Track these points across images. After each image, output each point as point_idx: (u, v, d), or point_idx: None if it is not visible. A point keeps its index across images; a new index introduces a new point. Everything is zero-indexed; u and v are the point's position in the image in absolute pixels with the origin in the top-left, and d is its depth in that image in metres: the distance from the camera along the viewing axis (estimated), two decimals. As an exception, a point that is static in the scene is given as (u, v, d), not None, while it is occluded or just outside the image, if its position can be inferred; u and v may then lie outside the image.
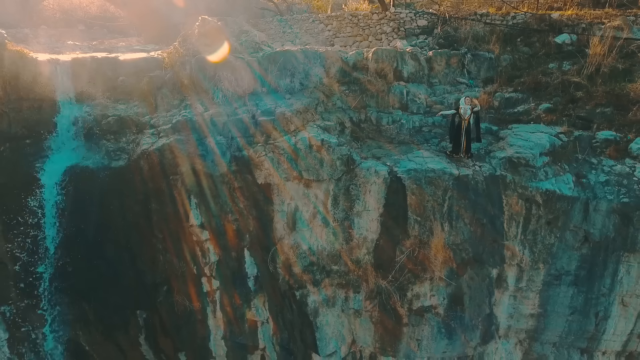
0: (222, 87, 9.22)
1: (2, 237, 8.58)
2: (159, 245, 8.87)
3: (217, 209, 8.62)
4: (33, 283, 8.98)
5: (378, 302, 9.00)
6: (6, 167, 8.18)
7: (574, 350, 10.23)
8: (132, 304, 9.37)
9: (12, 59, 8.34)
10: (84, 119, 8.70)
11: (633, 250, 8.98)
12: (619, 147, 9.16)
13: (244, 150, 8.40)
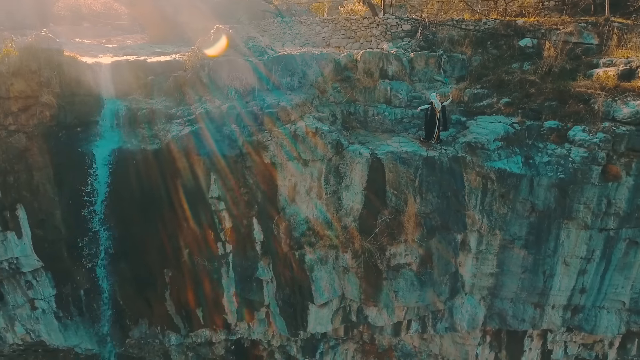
0: (234, 85, 11.86)
1: (58, 206, 11.24)
2: (183, 213, 11.51)
3: (232, 184, 11.27)
4: (81, 245, 11.63)
5: (362, 260, 11.67)
6: (64, 149, 10.83)
7: (528, 305, 12.91)
8: (160, 264, 12.02)
9: (67, 63, 10.98)
10: (123, 111, 11.34)
11: (570, 217, 11.64)
12: (560, 134, 11.80)
13: (253, 136, 11.05)
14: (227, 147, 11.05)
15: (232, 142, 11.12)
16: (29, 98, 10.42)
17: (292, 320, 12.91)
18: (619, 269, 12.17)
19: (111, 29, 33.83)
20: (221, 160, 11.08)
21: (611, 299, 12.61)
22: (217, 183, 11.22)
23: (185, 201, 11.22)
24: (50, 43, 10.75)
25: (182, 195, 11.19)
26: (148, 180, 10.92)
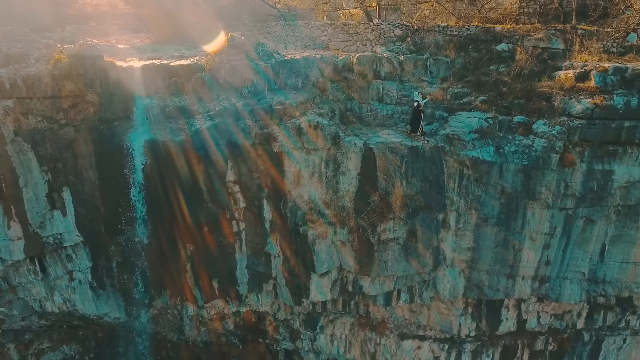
0: (247, 85, 14.46)
1: (98, 188, 13.83)
2: (204, 195, 14.12)
3: (246, 169, 13.87)
4: (117, 222, 14.23)
5: (356, 235, 14.30)
6: (105, 140, 13.41)
7: (501, 276, 15.55)
8: (184, 239, 14.63)
9: (107, 66, 13.57)
10: (152, 108, 13.93)
11: (534, 198, 14.27)
12: (526, 127, 14.42)
13: (265, 128, 13.65)
14: (242, 138, 13.65)
15: (246, 134, 13.72)
16: (76, 97, 13.00)
17: (296, 290, 15.53)
18: (578, 243, 14.81)
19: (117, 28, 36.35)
20: (236, 150, 13.68)
21: (572, 270, 15.25)
22: (232, 169, 13.83)
23: (207, 184, 13.81)
24: (93, 50, 13.34)
25: (203, 180, 13.78)
26: (175, 167, 13.50)
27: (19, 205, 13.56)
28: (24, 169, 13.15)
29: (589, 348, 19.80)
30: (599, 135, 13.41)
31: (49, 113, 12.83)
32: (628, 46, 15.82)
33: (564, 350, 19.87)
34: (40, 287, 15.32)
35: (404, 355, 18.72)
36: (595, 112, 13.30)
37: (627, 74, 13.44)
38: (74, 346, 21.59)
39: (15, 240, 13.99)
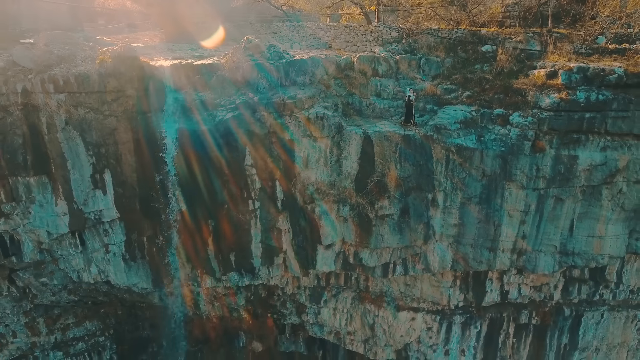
0: (262, 82, 17.47)
1: (135, 170, 16.83)
2: (225, 177, 17.15)
3: (261, 154, 16.90)
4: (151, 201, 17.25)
5: (357, 211, 17.33)
6: (142, 128, 16.40)
7: (484, 249, 18.60)
8: (207, 215, 17.65)
9: (143, 65, 16.60)
10: (181, 101, 16.95)
11: (511, 180, 17.31)
12: (504, 118, 17.46)
13: (278, 119, 16.68)
14: (259, 127, 16.68)
15: (261, 124, 16.76)
16: (118, 92, 16.00)
17: (304, 262, 18.57)
18: (549, 220, 17.87)
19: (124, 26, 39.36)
20: (253, 137, 16.72)
21: (546, 244, 18.30)
22: (250, 154, 16.86)
23: (228, 167, 16.85)
24: (131, 52, 16.37)
25: (225, 163, 16.82)
26: (201, 152, 16.53)
27: (66, 185, 16.57)
28: (72, 153, 16.16)
29: (570, 323, 22.89)
30: (564, 125, 16.47)
31: (95, 105, 15.84)
32: (595, 48, 18.89)
33: (546, 325, 22.94)
34: (79, 259, 18.34)
35: (400, 326, 21.77)
36: (561, 105, 16.37)
37: (589, 73, 16.52)
38: (95, 323, 24.64)
39: (61, 216, 17.01)
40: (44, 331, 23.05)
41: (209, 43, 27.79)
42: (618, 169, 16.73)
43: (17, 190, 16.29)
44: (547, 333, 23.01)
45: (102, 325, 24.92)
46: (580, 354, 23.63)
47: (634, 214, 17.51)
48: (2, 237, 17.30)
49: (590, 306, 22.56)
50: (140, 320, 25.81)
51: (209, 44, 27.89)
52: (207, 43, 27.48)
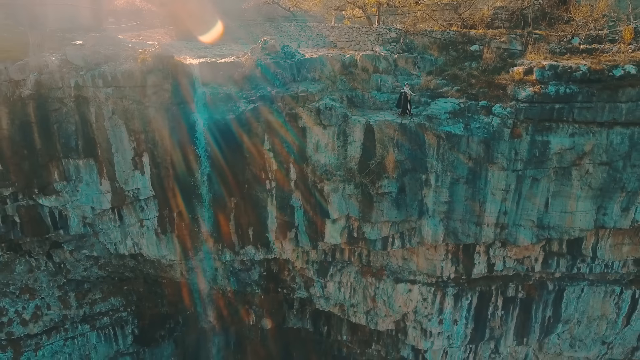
0: (278, 77, 21.40)
1: (169, 154, 20.75)
2: (246, 160, 21.10)
3: (278, 141, 20.84)
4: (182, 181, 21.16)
5: (360, 190, 21.28)
6: (175, 117, 20.32)
7: (471, 223, 22.56)
8: (230, 193, 21.58)
9: (176, 63, 20.53)
10: (208, 94, 20.87)
11: (493, 162, 21.25)
12: (487, 109, 21.39)
13: (292, 110, 20.60)
14: (275, 117, 20.61)
15: (278, 114, 20.69)
16: (157, 86, 19.89)
17: (313, 235, 22.50)
18: (527, 197, 21.81)
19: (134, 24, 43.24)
20: (271, 126, 20.66)
21: (524, 219, 22.26)
22: (268, 140, 20.79)
23: (248, 151, 20.78)
24: (167, 51, 20.30)
25: (246, 148, 20.76)
26: (226, 138, 20.45)
27: (109, 166, 20.49)
28: (116, 139, 20.08)
29: (553, 296, 26.88)
30: (538, 114, 20.42)
31: (138, 98, 19.75)
32: (569, 48, 22.87)
33: (531, 298, 26.91)
34: (117, 233, 22.25)
35: (398, 297, 25.72)
36: (534, 98, 20.32)
37: (559, 70, 20.49)
38: (119, 299, 28.64)
39: (104, 193, 20.93)
40: (74, 305, 26.95)
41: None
42: (585, 152, 20.68)
43: (69, 170, 20.21)
44: (533, 306, 26.97)
45: (125, 301, 28.86)
46: (563, 325, 27.63)
47: (600, 192, 21.45)
48: (52, 213, 21.20)
49: (571, 281, 26.55)
50: (159, 297, 29.81)
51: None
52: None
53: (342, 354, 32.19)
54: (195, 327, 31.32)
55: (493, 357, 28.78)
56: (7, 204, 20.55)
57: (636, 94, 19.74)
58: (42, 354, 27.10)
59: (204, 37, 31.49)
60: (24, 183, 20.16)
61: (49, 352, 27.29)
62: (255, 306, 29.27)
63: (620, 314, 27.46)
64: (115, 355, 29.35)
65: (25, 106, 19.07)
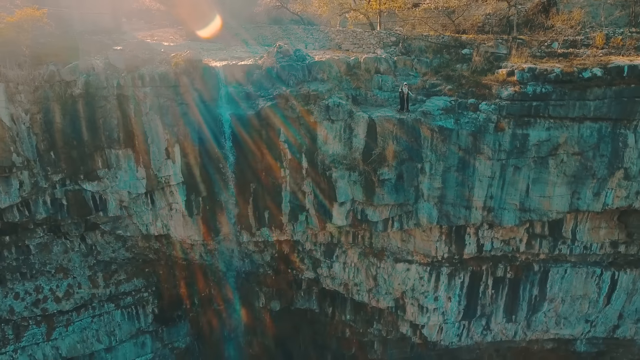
0: (292, 78, 26.09)
1: (197, 144, 25.40)
2: (265, 150, 25.78)
3: (292, 133, 25.51)
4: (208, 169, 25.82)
5: (364, 176, 26.00)
6: (203, 113, 25.00)
7: (461, 207, 27.26)
8: (250, 180, 26.27)
9: (203, 66, 25.21)
10: (231, 92, 25.55)
11: (480, 153, 25.95)
12: (475, 106, 26.06)
13: (305, 106, 25.27)
14: (290, 113, 25.25)
15: (292, 110, 25.35)
16: (187, 86, 24.48)
17: (322, 217, 27.17)
18: (510, 183, 26.50)
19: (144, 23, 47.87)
20: (287, 120, 25.31)
21: (508, 202, 26.96)
22: (284, 132, 25.43)
23: (266, 143, 25.45)
24: (196, 56, 24.95)
25: (264, 139, 25.43)
26: (248, 131, 25.12)
27: (145, 156, 25.09)
28: (152, 131, 24.69)
29: (539, 277, 31.57)
30: (518, 110, 25.06)
31: (172, 96, 24.37)
32: (548, 52, 27.57)
33: (519, 278, 31.62)
34: (148, 215, 26.88)
35: (397, 276, 30.41)
36: (515, 96, 24.99)
37: (536, 72, 25.18)
38: (141, 280, 33.27)
39: (140, 179, 25.55)
40: (102, 284, 31.60)
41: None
42: (559, 144, 25.36)
43: (110, 159, 24.82)
44: (520, 286, 31.66)
45: (146, 282, 33.52)
46: (548, 304, 32.31)
47: (574, 179, 26.11)
48: (94, 196, 25.81)
49: (555, 263, 31.27)
50: (177, 279, 34.47)
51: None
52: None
53: (345, 336, 36.92)
54: (209, 308, 35.96)
55: (485, 333, 33.49)
56: (57, 188, 25.09)
57: (602, 93, 24.43)
58: (72, 330, 31.67)
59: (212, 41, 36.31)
60: (71, 170, 24.71)
61: (78, 327, 31.88)
62: (266, 287, 33.92)
63: (601, 293, 32.07)
64: (137, 333, 33.93)
65: (75, 103, 23.63)
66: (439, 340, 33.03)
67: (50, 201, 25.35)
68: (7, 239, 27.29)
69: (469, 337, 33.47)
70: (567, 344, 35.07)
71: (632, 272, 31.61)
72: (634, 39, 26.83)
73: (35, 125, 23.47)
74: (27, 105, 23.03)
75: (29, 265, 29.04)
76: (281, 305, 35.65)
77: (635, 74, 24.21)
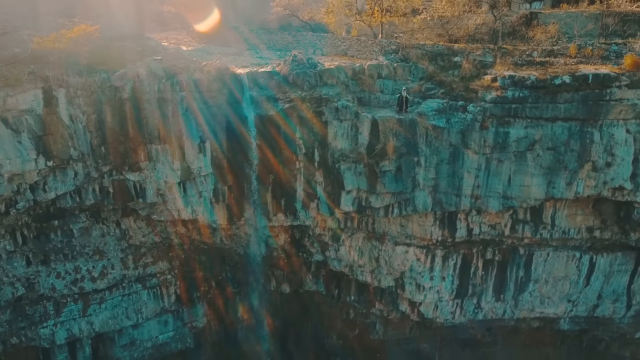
0: (305, 84, 33.03)
1: (226, 141, 32.31)
2: (282, 145, 32.75)
3: (306, 131, 32.44)
4: (236, 160, 32.76)
5: (368, 168, 33.02)
6: (231, 113, 31.91)
7: (452, 195, 34.32)
8: (270, 171, 33.24)
9: (231, 73, 32.12)
10: (254, 96, 32.46)
11: (468, 148, 32.95)
12: (464, 108, 32.98)
13: (317, 108, 32.23)
14: (305, 113, 32.22)
15: (307, 111, 32.27)
16: (217, 90, 31.29)
17: (332, 203, 34.17)
18: (494, 174, 33.52)
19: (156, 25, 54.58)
20: (302, 120, 32.28)
21: (493, 191, 33.98)
22: (299, 130, 32.34)
23: (284, 139, 32.41)
24: (225, 64, 31.87)
25: (282, 136, 32.40)
26: (269, 129, 32.06)
27: (180, 150, 31.95)
28: (187, 129, 31.55)
29: (524, 259, 38.60)
30: (499, 112, 32.07)
31: (204, 99, 31.19)
32: (529, 60, 34.62)
33: (506, 261, 38.67)
34: (180, 201, 33.76)
35: (397, 258, 37.40)
36: (497, 99, 31.99)
37: (515, 79, 32.18)
38: (165, 263, 40.16)
39: (176, 171, 32.44)
40: (131, 266, 38.45)
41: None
42: (535, 140, 32.36)
43: (151, 153, 31.67)
44: (507, 268, 38.67)
45: (170, 266, 40.39)
46: (533, 285, 39.33)
47: (549, 170, 33.07)
48: (135, 185, 32.68)
49: (539, 247, 38.30)
50: (197, 263, 41.36)
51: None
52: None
53: (349, 317, 43.94)
54: (224, 291, 42.88)
55: (476, 311, 40.52)
56: (104, 178, 31.92)
57: (570, 97, 31.45)
58: (104, 307, 38.45)
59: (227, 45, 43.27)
60: (118, 162, 31.53)
61: (110, 305, 38.67)
62: (278, 270, 40.86)
63: (581, 275, 39.04)
64: (161, 312, 40.75)
65: (123, 105, 30.44)
66: (434, 317, 40.03)
67: (99, 189, 32.15)
68: (55, 223, 33.92)
69: (462, 315, 40.47)
70: (552, 322, 42.03)
71: (608, 256, 38.58)
72: (602, 50, 33.86)
73: (90, 124, 30.22)
74: (84, 107, 29.77)
75: (71, 248, 35.74)
76: (291, 288, 42.55)
77: (599, 81, 31.20)
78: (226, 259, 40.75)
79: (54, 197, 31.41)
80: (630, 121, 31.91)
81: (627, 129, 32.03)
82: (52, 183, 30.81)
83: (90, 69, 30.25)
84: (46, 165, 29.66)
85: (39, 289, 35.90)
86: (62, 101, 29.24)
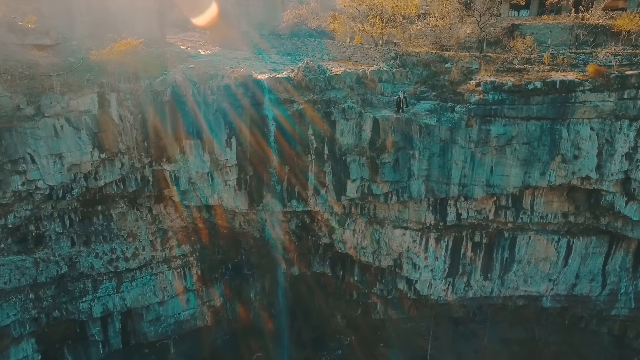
0: (316, 87, 42.76)
1: (249, 136, 42.01)
2: (297, 140, 42.51)
3: (317, 128, 42.20)
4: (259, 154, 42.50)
5: (370, 160, 42.79)
6: (253, 113, 41.59)
7: (443, 184, 44.12)
8: (286, 163, 43.01)
9: (253, 77, 41.83)
10: (272, 98, 42.17)
11: (455, 143, 42.69)
12: (452, 108, 42.69)
13: (327, 109, 41.96)
14: (317, 113, 41.95)
15: (318, 111, 42.04)
16: (242, 94, 40.79)
17: (339, 191, 43.92)
18: (479, 165, 43.23)
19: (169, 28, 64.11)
20: (313, 119, 42.03)
21: (478, 180, 43.72)
22: (311, 127, 42.02)
23: (299, 135, 42.15)
24: (249, 72, 41.56)
25: (297, 132, 42.16)
26: (286, 127, 41.73)
27: (210, 145, 41.51)
28: (216, 127, 41.10)
29: (508, 242, 48.47)
30: (482, 112, 41.79)
31: (232, 101, 40.58)
32: (509, 67, 44.45)
33: (493, 243, 48.55)
34: (208, 188, 43.41)
35: (395, 240, 47.20)
36: (480, 101, 41.74)
37: (495, 84, 41.96)
38: (188, 246, 49.86)
39: (206, 162, 42.12)
40: (159, 248, 48.10)
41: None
42: (513, 136, 42.13)
43: (185, 147, 41.31)
44: (494, 249, 48.53)
45: (192, 249, 50.07)
46: (517, 265, 49.20)
47: (525, 162, 42.76)
48: (170, 175, 42.36)
49: (521, 231, 48.22)
50: (216, 247, 51.08)
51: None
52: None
53: (352, 298, 53.79)
54: (240, 273, 52.56)
55: (467, 289, 50.37)
56: (145, 168, 41.57)
57: (541, 100, 41.24)
58: (135, 285, 47.96)
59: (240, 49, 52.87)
60: (158, 155, 41.10)
61: (139, 283, 48.20)
62: (289, 253, 50.61)
63: (560, 257, 48.88)
64: (184, 290, 50.35)
65: (164, 107, 40.03)
66: (429, 294, 49.86)
67: (140, 178, 41.81)
68: (99, 208, 43.52)
69: (454, 293, 50.29)
70: (536, 300, 51.83)
71: (584, 239, 48.47)
72: (571, 58, 43.77)
73: (136, 122, 39.75)
74: (131, 108, 39.33)
75: (109, 230, 45.28)
76: (300, 271, 52.29)
77: (565, 86, 41.05)
78: (242, 243, 50.39)
79: (102, 185, 40.87)
80: (593, 120, 41.67)
81: (591, 126, 41.78)
82: (102, 172, 40.29)
83: (135, 75, 39.83)
84: (99, 157, 39.03)
85: (80, 267, 45.01)
86: (114, 103, 38.73)
